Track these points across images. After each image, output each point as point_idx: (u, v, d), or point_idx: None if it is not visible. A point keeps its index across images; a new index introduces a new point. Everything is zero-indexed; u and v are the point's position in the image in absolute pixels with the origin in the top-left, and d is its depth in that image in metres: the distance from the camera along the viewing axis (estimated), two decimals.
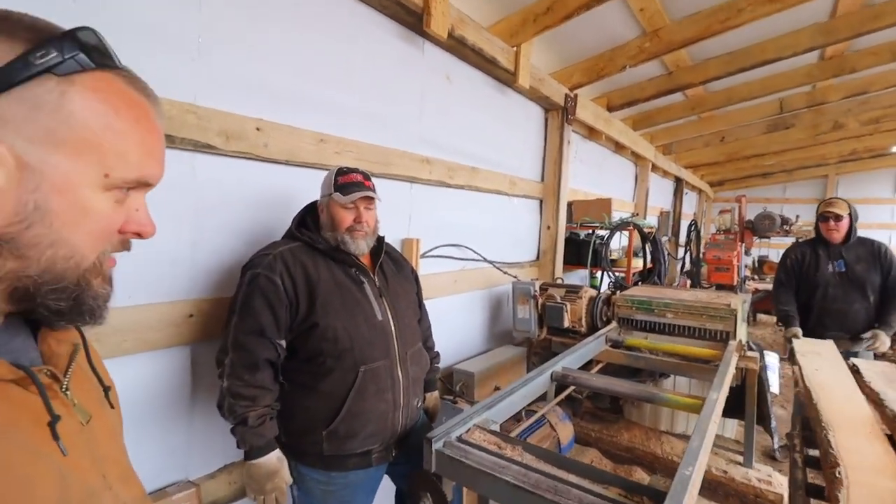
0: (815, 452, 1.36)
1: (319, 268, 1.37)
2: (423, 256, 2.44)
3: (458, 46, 2.44)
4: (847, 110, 5.24)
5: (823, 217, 2.85)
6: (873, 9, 2.87)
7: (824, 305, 2.87)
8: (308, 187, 1.87)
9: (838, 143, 7.20)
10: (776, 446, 3.13)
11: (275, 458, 1.28)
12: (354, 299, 1.39)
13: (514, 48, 2.73)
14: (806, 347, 1.73)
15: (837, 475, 1.01)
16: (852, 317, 2.76)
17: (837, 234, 2.81)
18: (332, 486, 1.37)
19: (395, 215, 2.31)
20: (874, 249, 2.79)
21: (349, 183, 1.42)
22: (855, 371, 1.73)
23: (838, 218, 2.79)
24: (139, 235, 0.53)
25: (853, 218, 2.83)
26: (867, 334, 2.68)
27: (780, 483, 2.28)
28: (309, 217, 1.49)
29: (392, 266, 1.59)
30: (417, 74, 2.38)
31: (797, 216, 6.78)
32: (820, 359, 1.62)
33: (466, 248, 2.84)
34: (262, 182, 1.73)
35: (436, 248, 2.59)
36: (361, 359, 1.34)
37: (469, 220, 2.90)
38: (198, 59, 1.49)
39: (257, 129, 1.65)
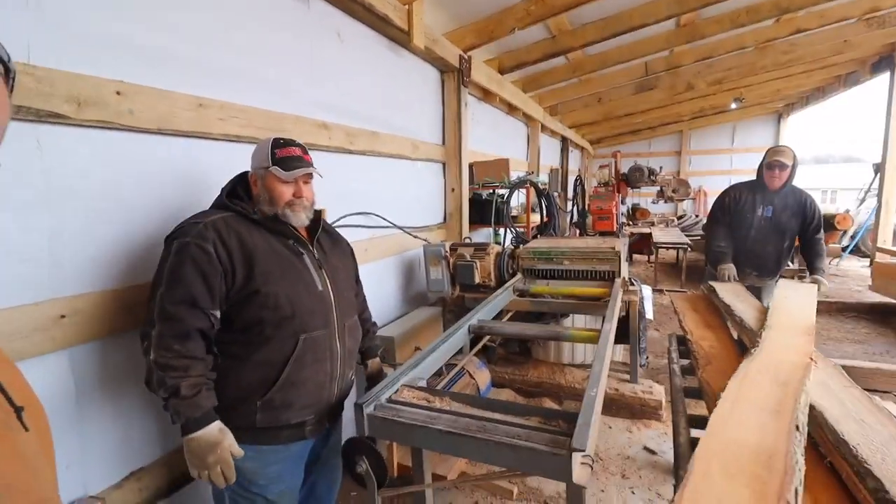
0: (685, 362, 1.64)
1: (255, 237, 1.32)
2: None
3: (346, 2, 2.30)
4: (697, 73, 6.03)
5: (770, 165, 2.83)
6: None
7: (745, 245, 2.98)
8: (190, 158, 1.68)
9: (690, 101, 8.31)
10: (644, 362, 3.64)
11: (215, 430, 1.20)
12: (295, 268, 1.36)
13: (406, 6, 2.64)
14: (785, 283, 2.07)
15: (752, 351, 1.31)
16: (765, 257, 2.95)
17: (779, 181, 2.82)
18: (262, 461, 1.33)
19: None
20: (801, 200, 2.86)
21: (289, 157, 1.36)
22: (711, 290, 2.10)
23: (783, 167, 2.79)
24: None
25: (795, 166, 2.83)
26: (807, 280, 2.66)
27: (658, 391, 2.74)
28: (240, 187, 1.41)
29: (329, 241, 1.56)
30: (305, 32, 2.20)
31: (661, 167, 7.76)
32: (794, 291, 1.93)
33: (374, 215, 2.80)
34: (131, 155, 1.50)
35: (342, 217, 2.51)
36: (302, 327, 1.32)
37: (374, 186, 2.85)
38: (33, 8, 1.22)
39: (118, 92, 1.41)
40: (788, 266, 2.87)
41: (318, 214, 1.49)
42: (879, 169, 6.19)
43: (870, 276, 5.17)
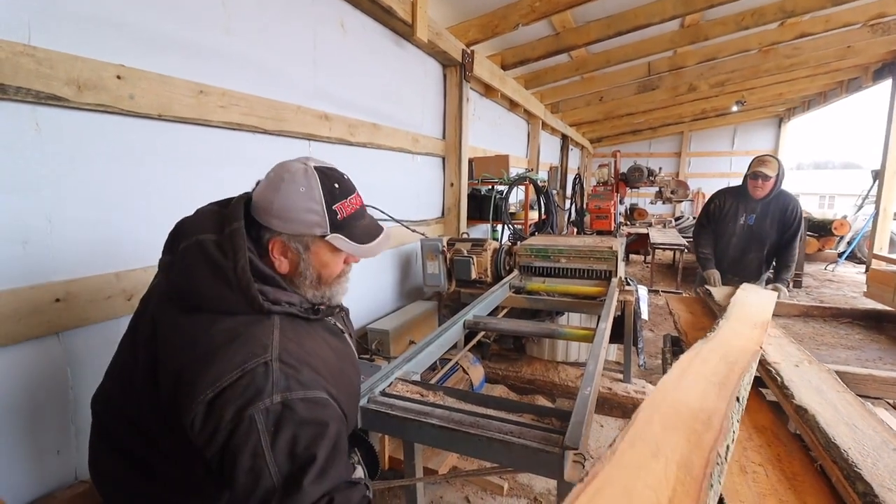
0: None
1: (322, 344, 0.94)
2: None
3: None
4: (700, 74, 6.03)
5: (754, 175, 2.82)
6: None
7: (726, 252, 3.05)
8: (187, 145, 1.67)
9: (692, 103, 8.31)
10: (642, 363, 3.68)
11: None
12: (351, 361, 1.07)
13: None
14: (748, 286, 2.14)
15: (707, 335, 1.37)
16: (745, 264, 3.00)
17: (762, 191, 2.83)
18: None
19: None
20: (784, 207, 2.85)
21: (357, 216, 0.94)
22: (707, 294, 2.11)
23: (766, 178, 2.78)
24: None
25: (780, 176, 2.82)
26: (769, 287, 2.66)
27: (651, 391, 2.74)
28: (255, 256, 0.87)
29: None
30: (308, 20, 2.19)
31: (660, 168, 7.78)
32: (755, 294, 1.98)
33: (373, 207, 2.78)
34: (130, 140, 1.49)
35: None
36: (352, 420, 1.07)
37: (373, 179, 2.84)
38: None
39: (118, 77, 1.40)
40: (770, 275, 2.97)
41: None
42: (878, 176, 6.20)
43: (865, 282, 5.21)
